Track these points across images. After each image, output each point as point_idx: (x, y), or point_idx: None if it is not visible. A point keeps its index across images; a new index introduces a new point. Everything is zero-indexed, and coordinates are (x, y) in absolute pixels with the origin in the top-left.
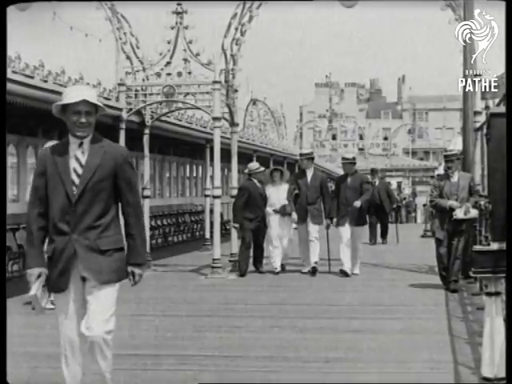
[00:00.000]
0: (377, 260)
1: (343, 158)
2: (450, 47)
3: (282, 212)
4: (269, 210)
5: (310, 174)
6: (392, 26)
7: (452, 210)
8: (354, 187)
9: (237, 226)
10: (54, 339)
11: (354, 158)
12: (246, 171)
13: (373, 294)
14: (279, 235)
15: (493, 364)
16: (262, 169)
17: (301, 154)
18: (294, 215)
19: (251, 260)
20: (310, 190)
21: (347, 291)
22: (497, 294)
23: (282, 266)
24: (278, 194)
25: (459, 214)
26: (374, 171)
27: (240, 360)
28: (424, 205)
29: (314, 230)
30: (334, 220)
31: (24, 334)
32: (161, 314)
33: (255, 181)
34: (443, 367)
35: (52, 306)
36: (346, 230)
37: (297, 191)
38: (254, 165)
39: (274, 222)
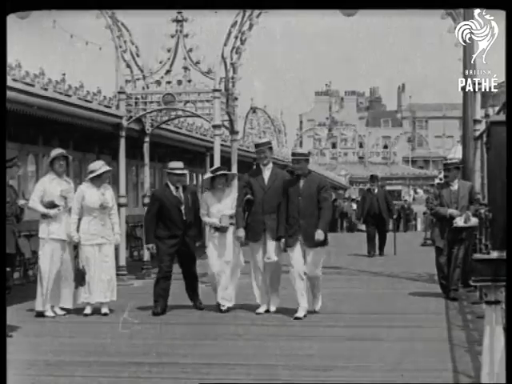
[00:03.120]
0: (376, 269)
1: (294, 154)
2: (450, 56)
3: (220, 226)
4: (209, 223)
5: (267, 172)
6: (392, 34)
7: (452, 218)
8: (310, 195)
9: (149, 246)
10: (54, 347)
11: (309, 153)
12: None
13: (373, 302)
14: (220, 260)
15: (493, 373)
16: (183, 172)
17: (257, 145)
18: (241, 232)
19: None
20: (268, 194)
21: (347, 299)
22: (497, 302)
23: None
24: (219, 205)
25: (459, 222)
26: (373, 178)
27: (240, 368)
28: (424, 213)
29: (273, 249)
30: (282, 241)
31: (24, 341)
32: (161, 322)
33: (172, 188)
34: (443, 376)
35: (53, 314)
36: (297, 254)
37: (249, 196)
38: (173, 164)
39: (214, 242)
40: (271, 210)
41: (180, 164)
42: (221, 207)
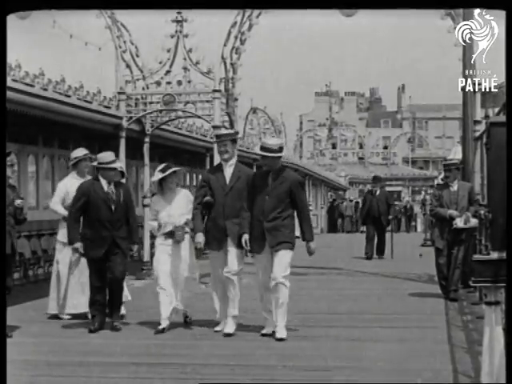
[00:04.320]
0: (376, 269)
1: (262, 148)
2: (450, 56)
3: (174, 237)
4: (150, 227)
5: (229, 169)
6: (391, 35)
7: (452, 219)
8: (279, 194)
9: (77, 246)
10: (54, 347)
11: (280, 148)
12: (95, 164)
13: (372, 302)
14: (171, 272)
15: (492, 373)
16: (117, 165)
17: (217, 136)
18: (201, 237)
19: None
20: (230, 196)
21: (347, 300)
22: (496, 303)
23: (186, 317)
24: (170, 209)
25: (459, 223)
26: (376, 179)
27: (239, 369)
28: (424, 214)
29: (234, 258)
30: (245, 237)
31: (24, 342)
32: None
33: (103, 182)
34: (443, 376)
35: (69, 316)
36: (263, 261)
37: (208, 198)
38: (107, 156)
39: (164, 251)
40: (233, 213)
41: (112, 156)
42: (172, 211)
